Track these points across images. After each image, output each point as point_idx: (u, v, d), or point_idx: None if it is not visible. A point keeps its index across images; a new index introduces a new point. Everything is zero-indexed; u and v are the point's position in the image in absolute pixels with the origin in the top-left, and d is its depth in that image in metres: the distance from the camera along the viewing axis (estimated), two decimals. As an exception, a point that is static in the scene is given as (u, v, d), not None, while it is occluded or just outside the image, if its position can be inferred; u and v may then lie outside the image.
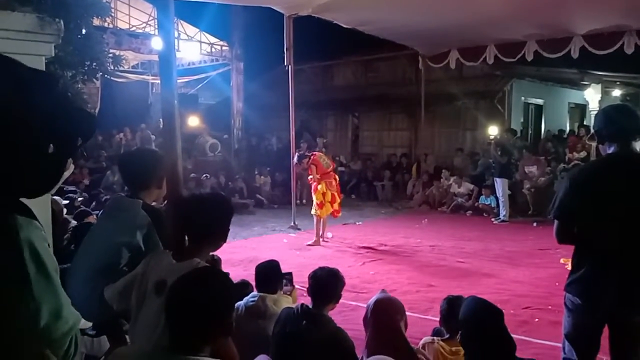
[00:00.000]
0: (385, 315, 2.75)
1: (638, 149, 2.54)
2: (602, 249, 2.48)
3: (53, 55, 2.34)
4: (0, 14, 2.08)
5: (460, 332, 2.48)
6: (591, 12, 8.42)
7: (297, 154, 8.81)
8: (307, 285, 2.91)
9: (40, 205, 2.28)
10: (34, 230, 1.26)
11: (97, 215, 5.00)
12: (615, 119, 2.53)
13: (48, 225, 2.36)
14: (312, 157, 8.26)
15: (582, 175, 2.64)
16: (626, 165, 2.49)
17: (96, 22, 3.55)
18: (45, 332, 1.24)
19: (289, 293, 3.48)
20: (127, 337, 2.34)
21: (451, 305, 2.96)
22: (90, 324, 2.66)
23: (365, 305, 4.98)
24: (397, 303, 2.93)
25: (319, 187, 8.10)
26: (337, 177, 8.58)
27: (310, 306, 2.78)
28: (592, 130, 2.82)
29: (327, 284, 2.84)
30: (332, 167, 8.46)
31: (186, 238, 2.23)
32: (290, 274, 3.57)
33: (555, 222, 2.61)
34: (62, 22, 2.29)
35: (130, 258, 2.41)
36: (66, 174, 1.42)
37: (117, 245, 2.43)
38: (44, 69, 2.26)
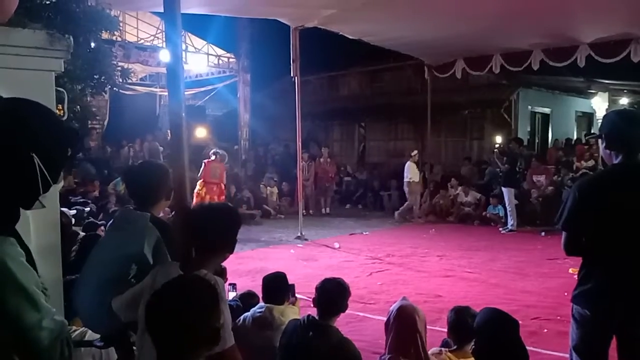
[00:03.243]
0: (409, 320, 2.73)
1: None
2: (611, 261, 2.46)
3: (63, 70, 2.38)
4: (11, 30, 2.12)
5: (474, 341, 2.48)
6: (597, 20, 8.42)
7: (222, 152, 10.16)
8: (313, 296, 2.91)
9: (49, 218, 2.31)
10: (8, 247, 1.29)
11: (105, 226, 5.02)
12: (622, 128, 2.50)
13: (57, 237, 2.38)
14: (207, 162, 9.77)
15: (590, 185, 2.61)
16: (633, 176, 2.47)
17: (105, 35, 3.60)
18: (34, 343, 1.28)
19: (291, 304, 3.48)
20: (134, 348, 2.35)
21: (459, 315, 2.94)
22: (99, 335, 2.68)
23: (372, 316, 4.98)
24: (419, 310, 2.91)
25: (200, 190, 9.64)
26: (223, 191, 10.14)
27: (317, 317, 2.78)
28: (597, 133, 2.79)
29: (334, 296, 2.84)
30: (219, 179, 9.94)
31: (193, 249, 2.24)
32: (292, 285, 3.57)
33: (564, 233, 2.59)
34: (71, 37, 2.33)
35: (137, 271, 2.42)
36: (59, 186, 1.47)
37: (125, 258, 2.45)
38: (54, 84, 2.30)
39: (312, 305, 2.91)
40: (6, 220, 1.32)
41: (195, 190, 9.68)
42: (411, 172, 11.64)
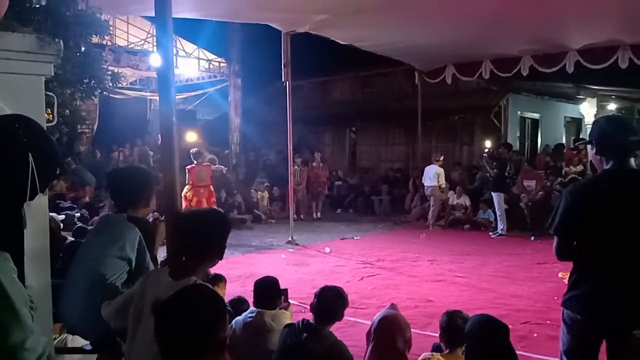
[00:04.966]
0: (388, 336, 2.75)
1: (634, 164, 2.55)
2: (602, 265, 2.48)
3: (53, 74, 2.36)
4: (0, 34, 2.11)
5: (465, 344, 2.51)
6: (586, 27, 8.52)
7: (196, 150, 10.09)
8: (304, 302, 2.92)
9: (38, 223, 2.29)
10: (2, 263, 1.29)
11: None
12: (612, 134, 2.53)
13: (46, 242, 2.36)
14: (190, 168, 9.69)
15: (582, 191, 2.62)
16: (625, 182, 2.49)
17: (95, 39, 3.59)
18: None
19: (284, 310, 3.47)
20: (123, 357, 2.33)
21: (451, 319, 2.96)
22: (86, 342, 2.65)
23: (363, 321, 4.98)
24: (402, 322, 2.91)
25: (187, 194, 9.58)
26: (212, 192, 10.00)
27: (312, 321, 2.80)
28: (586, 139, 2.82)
29: (333, 305, 2.86)
30: (206, 182, 9.89)
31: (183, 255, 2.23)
32: (285, 290, 3.56)
33: (555, 238, 2.60)
34: (61, 42, 2.32)
35: (128, 273, 2.43)
36: (44, 197, 1.53)
37: (108, 259, 2.47)
38: (44, 88, 2.29)
39: (302, 310, 2.91)
40: (1, 234, 1.33)
41: (183, 193, 9.65)
42: (442, 178, 11.38)
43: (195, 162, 9.81)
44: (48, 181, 1.46)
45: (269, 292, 3.31)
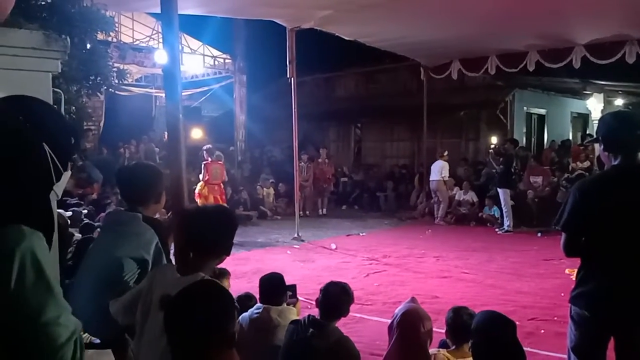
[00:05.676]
0: (412, 329, 2.73)
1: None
2: (611, 262, 2.47)
3: (59, 71, 2.37)
4: (7, 31, 2.11)
5: (471, 341, 2.50)
6: (592, 22, 8.46)
7: (207, 147, 10.16)
8: (310, 298, 2.92)
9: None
10: (37, 240, 1.31)
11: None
12: (619, 130, 2.52)
13: (54, 238, 2.37)
14: (207, 164, 9.69)
15: (591, 187, 2.61)
16: (633, 178, 2.48)
17: (100, 36, 3.59)
18: (51, 338, 1.28)
19: (292, 305, 3.47)
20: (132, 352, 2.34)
21: (457, 315, 2.95)
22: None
23: (369, 317, 4.98)
24: (423, 316, 2.91)
25: (202, 191, 9.60)
26: (223, 190, 10.06)
27: (318, 317, 2.80)
28: (594, 135, 2.80)
29: (337, 300, 2.86)
30: (220, 180, 9.90)
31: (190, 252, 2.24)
32: (294, 286, 3.56)
33: (563, 234, 2.59)
34: (68, 38, 2.32)
35: (139, 274, 2.42)
36: (66, 175, 1.51)
37: (118, 259, 2.44)
38: (51, 85, 2.29)
39: (309, 306, 2.91)
40: (34, 214, 1.34)
41: (197, 191, 9.67)
42: (445, 170, 11.51)
43: (210, 159, 9.78)
44: (68, 158, 1.46)
45: (274, 288, 3.32)
